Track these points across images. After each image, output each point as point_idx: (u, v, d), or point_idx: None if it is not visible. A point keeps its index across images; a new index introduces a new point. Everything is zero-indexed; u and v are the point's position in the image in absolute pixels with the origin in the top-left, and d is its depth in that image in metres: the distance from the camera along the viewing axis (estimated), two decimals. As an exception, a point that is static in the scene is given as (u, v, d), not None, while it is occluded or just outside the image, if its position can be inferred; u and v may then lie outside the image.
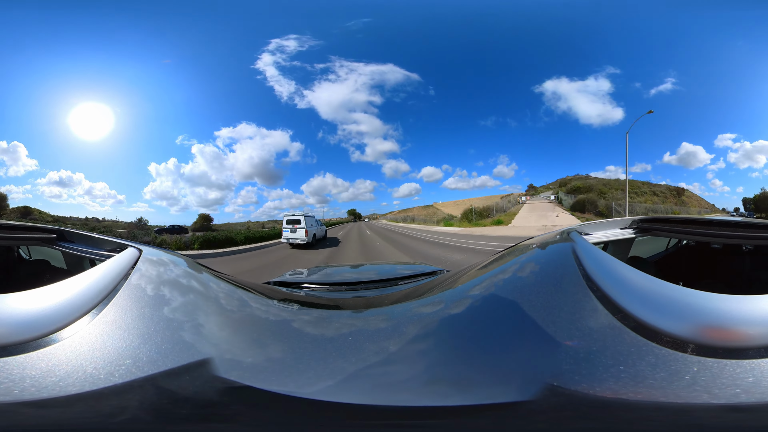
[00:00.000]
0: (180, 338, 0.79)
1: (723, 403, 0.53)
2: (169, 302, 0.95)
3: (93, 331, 0.71)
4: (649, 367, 0.58)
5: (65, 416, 0.58)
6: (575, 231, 1.37)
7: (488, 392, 0.63)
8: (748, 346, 0.59)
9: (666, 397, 0.55)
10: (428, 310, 1.13)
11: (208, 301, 1.09)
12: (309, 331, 1.06)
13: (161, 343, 0.73)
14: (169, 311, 0.90)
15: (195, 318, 0.92)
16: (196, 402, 0.64)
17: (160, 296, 0.96)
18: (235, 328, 0.96)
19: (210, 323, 0.93)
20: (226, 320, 0.99)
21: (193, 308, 0.98)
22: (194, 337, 0.82)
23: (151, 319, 0.82)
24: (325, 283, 2.16)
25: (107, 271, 0.94)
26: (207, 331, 0.87)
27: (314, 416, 0.64)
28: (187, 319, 0.89)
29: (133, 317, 0.79)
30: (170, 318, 0.86)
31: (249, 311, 1.15)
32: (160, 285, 1.04)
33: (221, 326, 0.93)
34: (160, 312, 0.87)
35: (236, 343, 0.86)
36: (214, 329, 0.90)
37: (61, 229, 1.62)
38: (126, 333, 0.73)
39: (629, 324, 0.67)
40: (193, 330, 0.85)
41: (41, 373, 0.61)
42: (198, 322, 0.90)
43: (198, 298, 1.08)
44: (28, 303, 0.73)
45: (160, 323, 0.82)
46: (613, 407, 0.56)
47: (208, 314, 0.99)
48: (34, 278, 1.96)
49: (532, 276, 1.07)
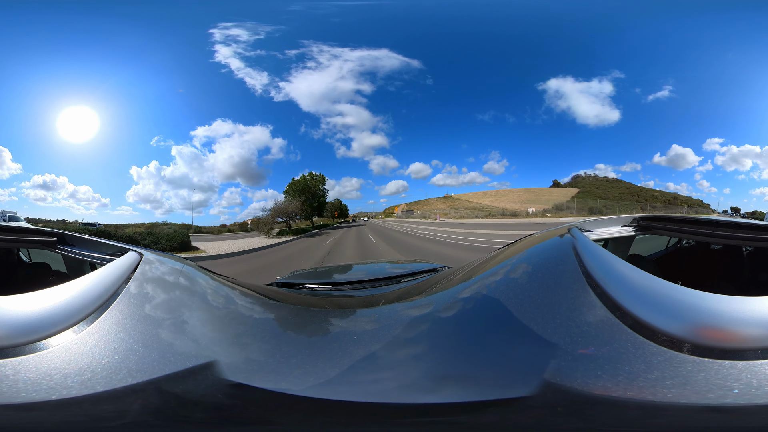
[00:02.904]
0: (182, 341, 0.79)
1: (715, 404, 0.53)
2: (170, 306, 0.95)
3: (91, 335, 0.71)
4: (644, 365, 0.58)
5: (62, 419, 0.58)
6: (576, 227, 1.37)
7: (490, 389, 0.64)
8: (744, 347, 0.59)
9: (658, 396, 0.55)
10: (431, 307, 1.14)
11: (210, 304, 1.09)
12: (314, 331, 1.06)
13: (163, 347, 0.73)
14: (170, 315, 0.90)
15: (197, 321, 0.92)
16: (204, 405, 0.64)
17: (161, 300, 0.96)
18: (239, 330, 0.96)
19: (213, 326, 0.93)
20: (229, 322, 0.99)
21: (195, 311, 0.98)
22: (197, 340, 0.82)
23: (152, 322, 0.82)
24: (328, 283, 2.16)
25: (107, 275, 0.94)
26: (210, 334, 0.87)
27: (326, 415, 0.64)
28: (189, 322, 0.89)
29: (134, 321, 0.79)
30: (172, 321, 0.86)
31: (253, 313, 1.15)
32: (161, 289, 1.04)
33: (225, 329, 0.94)
34: (161, 315, 0.87)
35: (241, 346, 0.86)
36: (218, 332, 0.90)
37: (62, 233, 1.62)
38: (126, 337, 0.73)
39: (627, 321, 0.67)
40: (195, 333, 0.85)
41: (37, 376, 0.61)
42: (200, 325, 0.90)
43: (200, 301, 1.08)
44: (26, 306, 0.73)
45: (162, 327, 0.82)
46: (606, 404, 0.56)
47: (211, 317, 0.99)
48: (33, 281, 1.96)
49: (533, 272, 1.07)
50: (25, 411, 0.57)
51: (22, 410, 0.57)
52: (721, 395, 0.53)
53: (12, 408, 0.57)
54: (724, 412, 0.53)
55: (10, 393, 0.58)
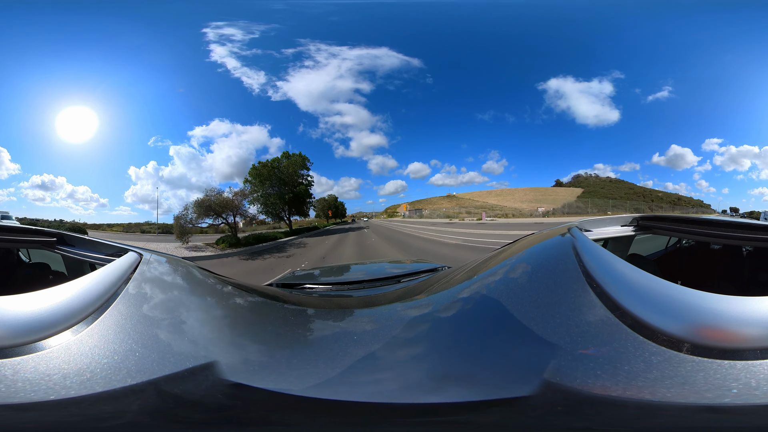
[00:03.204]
0: (182, 342, 0.79)
1: (714, 404, 0.53)
2: (169, 306, 0.95)
3: (90, 335, 0.71)
4: (644, 364, 0.58)
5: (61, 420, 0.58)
6: (576, 227, 1.37)
7: (491, 388, 0.64)
8: (744, 347, 0.59)
9: (657, 395, 0.55)
10: (431, 307, 1.14)
11: (209, 304, 1.09)
12: (314, 331, 1.07)
13: (162, 347, 0.73)
14: (169, 315, 0.90)
15: (197, 321, 0.92)
16: (204, 406, 0.64)
17: (161, 300, 0.96)
18: (239, 331, 0.96)
19: (213, 326, 0.93)
20: (229, 323, 1.00)
21: (194, 311, 0.98)
22: (197, 340, 0.82)
23: (152, 323, 0.82)
24: (328, 283, 2.16)
25: (107, 276, 0.94)
26: (210, 334, 0.87)
27: (327, 416, 0.65)
28: (188, 322, 0.89)
29: (133, 321, 0.79)
30: (171, 322, 0.86)
31: (252, 313, 1.15)
32: (160, 289, 1.04)
33: (224, 329, 0.94)
34: (160, 316, 0.87)
35: (241, 346, 0.86)
36: (217, 332, 0.90)
37: (62, 233, 1.62)
38: (126, 337, 0.73)
39: (626, 321, 0.67)
40: (195, 333, 0.85)
41: (36, 376, 0.61)
42: (200, 325, 0.90)
43: (199, 301, 1.08)
44: (26, 306, 0.73)
45: (161, 327, 0.82)
46: (606, 404, 0.57)
47: (211, 317, 0.99)
48: (33, 281, 1.96)
49: (533, 271, 1.07)
50: (24, 411, 0.57)
51: (21, 410, 0.57)
52: (720, 395, 0.53)
53: (11, 408, 0.57)
54: (722, 412, 0.53)
55: (9, 393, 0.58)
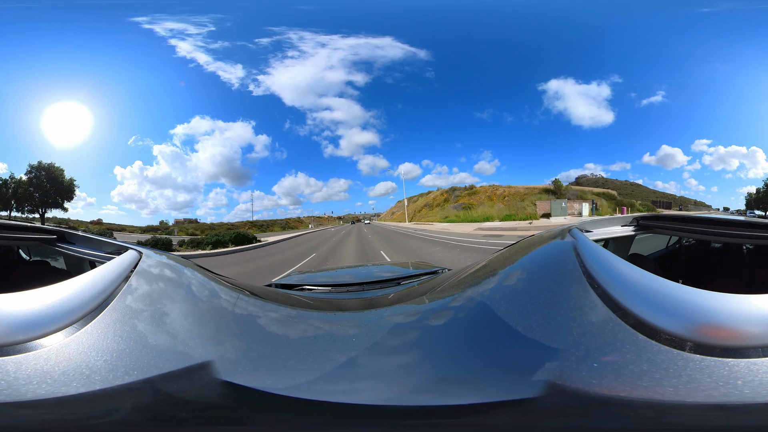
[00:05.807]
0: (180, 341, 0.79)
1: (719, 402, 0.53)
2: (168, 305, 0.95)
3: (89, 333, 0.71)
4: (647, 364, 0.58)
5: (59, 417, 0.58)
6: (576, 228, 1.37)
7: (495, 390, 0.64)
8: (747, 345, 0.58)
9: (662, 395, 0.55)
10: (431, 309, 1.14)
11: (208, 304, 1.09)
12: (312, 332, 1.06)
13: (160, 346, 0.73)
14: (168, 314, 0.89)
15: (195, 321, 0.92)
16: (197, 405, 0.64)
17: (160, 299, 0.96)
18: (236, 331, 0.96)
19: (210, 326, 0.93)
20: (227, 323, 0.99)
21: (192, 311, 0.98)
22: (194, 340, 0.82)
23: (150, 321, 0.82)
24: (327, 285, 2.16)
25: (106, 274, 0.93)
26: (207, 334, 0.87)
27: (325, 417, 0.64)
28: (186, 322, 0.89)
29: (132, 320, 0.78)
30: (169, 321, 0.86)
31: (251, 314, 1.15)
32: (160, 288, 1.04)
33: (222, 329, 0.93)
34: (159, 315, 0.87)
35: (238, 346, 0.86)
36: (215, 332, 0.90)
37: (62, 230, 1.62)
38: (124, 335, 0.73)
39: (629, 321, 0.67)
40: (193, 333, 0.85)
41: (36, 374, 0.61)
42: (198, 325, 0.90)
43: (198, 300, 1.08)
44: (25, 304, 0.73)
45: (159, 326, 0.81)
46: (610, 405, 0.56)
47: (209, 317, 0.99)
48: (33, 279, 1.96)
49: (534, 272, 1.07)
50: (23, 409, 0.57)
51: (20, 408, 0.57)
52: (724, 393, 0.53)
53: (10, 406, 0.57)
54: (727, 410, 0.53)
55: (9, 391, 0.58)
